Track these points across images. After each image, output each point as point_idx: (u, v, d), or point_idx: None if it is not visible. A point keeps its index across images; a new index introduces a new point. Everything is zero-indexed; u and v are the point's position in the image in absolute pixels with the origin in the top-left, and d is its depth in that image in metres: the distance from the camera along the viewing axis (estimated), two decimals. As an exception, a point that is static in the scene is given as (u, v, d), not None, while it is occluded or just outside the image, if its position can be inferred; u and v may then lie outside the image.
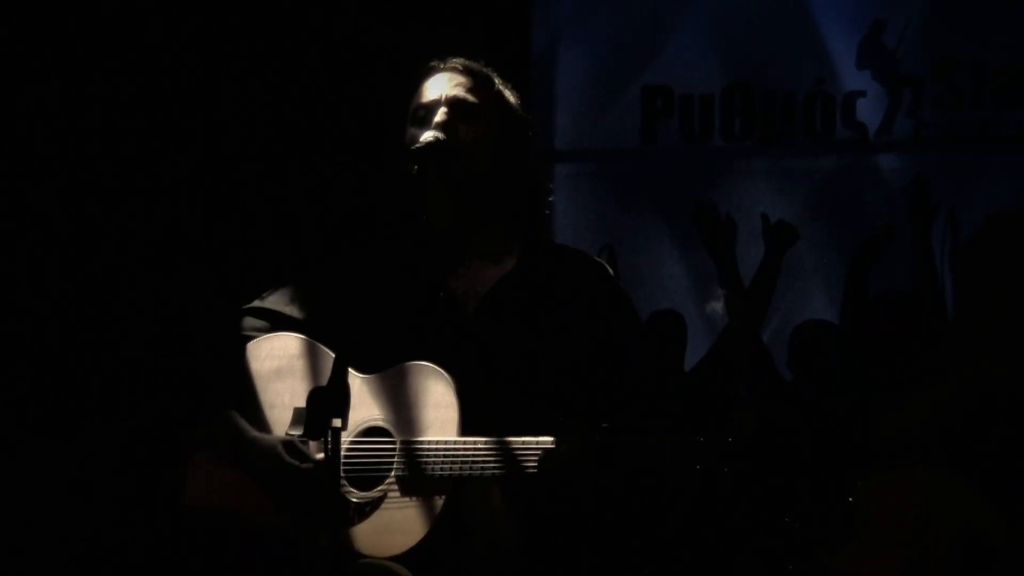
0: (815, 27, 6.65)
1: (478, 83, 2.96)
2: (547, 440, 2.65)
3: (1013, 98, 6.47)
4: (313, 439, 2.59)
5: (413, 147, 2.84)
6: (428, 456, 2.71)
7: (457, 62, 2.99)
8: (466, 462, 2.68)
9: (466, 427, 2.72)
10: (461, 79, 2.96)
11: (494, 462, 2.67)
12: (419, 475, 2.71)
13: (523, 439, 2.67)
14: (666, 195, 6.59)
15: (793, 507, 4.21)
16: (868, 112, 6.58)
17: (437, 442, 2.72)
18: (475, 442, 2.69)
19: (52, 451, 4.94)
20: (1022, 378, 3.41)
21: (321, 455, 2.75)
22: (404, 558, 2.67)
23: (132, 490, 4.85)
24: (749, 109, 6.66)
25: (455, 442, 2.70)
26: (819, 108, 6.62)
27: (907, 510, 3.42)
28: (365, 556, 2.70)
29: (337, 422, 2.45)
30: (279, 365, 2.89)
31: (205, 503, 2.85)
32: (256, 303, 3.02)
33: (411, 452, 2.73)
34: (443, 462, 2.70)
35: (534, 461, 2.65)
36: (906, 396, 3.43)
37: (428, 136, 2.85)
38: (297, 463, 2.75)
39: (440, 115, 2.90)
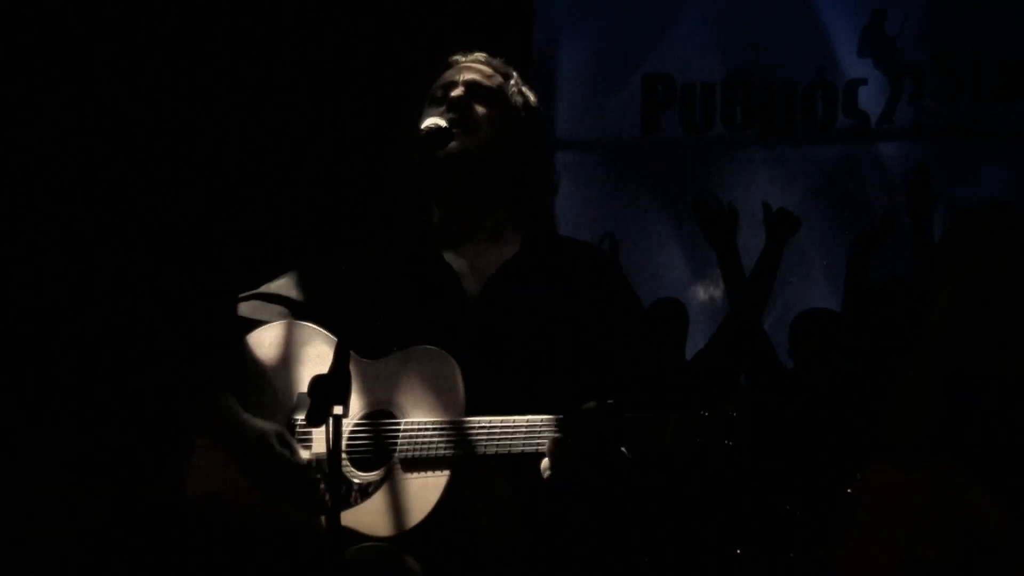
0: (816, 16, 6.64)
1: (497, 73, 3.06)
2: (549, 417, 2.67)
3: (1011, 90, 6.47)
4: (314, 427, 2.61)
5: (419, 133, 2.89)
6: (431, 437, 2.73)
7: (479, 55, 3.09)
8: (469, 442, 2.70)
9: (470, 409, 2.74)
10: (482, 68, 3.06)
11: (497, 443, 2.69)
12: (423, 456, 2.73)
13: (526, 417, 2.69)
14: (667, 184, 6.59)
15: (794, 498, 4.22)
16: (870, 100, 6.57)
17: (441, 422, 2.74)
18: (478, 422, 2.71)
19: (51, 441, 4.95)
20: (1004, 370, 3.44)
21: (317, 449, 2.77)
22: (406, 538, 2.68)
23: (132, 480, 4.86)
24: (750, 98, 6.65)
25: (458, 422, 2.72)
26: (820, 97, 6.61)
27: (906, 501, 3.43)
28: (367, 536, 2.71)
29: (338, 409, 2.47)
30: (283, 352, 2.92)
31: (205, 488, 2.87)
32: (263, 289, 3.05)
33: (415, 433, 2.75)
34: (446, 442, 2.72)
35: (538, 441, 2.67)
36: (895, 388, 3.45)
37: (430, 123, 2.90)
38: (287, 454, 2.78)
39: (457, 92, 2.98)
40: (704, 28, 6.69)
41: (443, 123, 2.90)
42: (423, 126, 2.90)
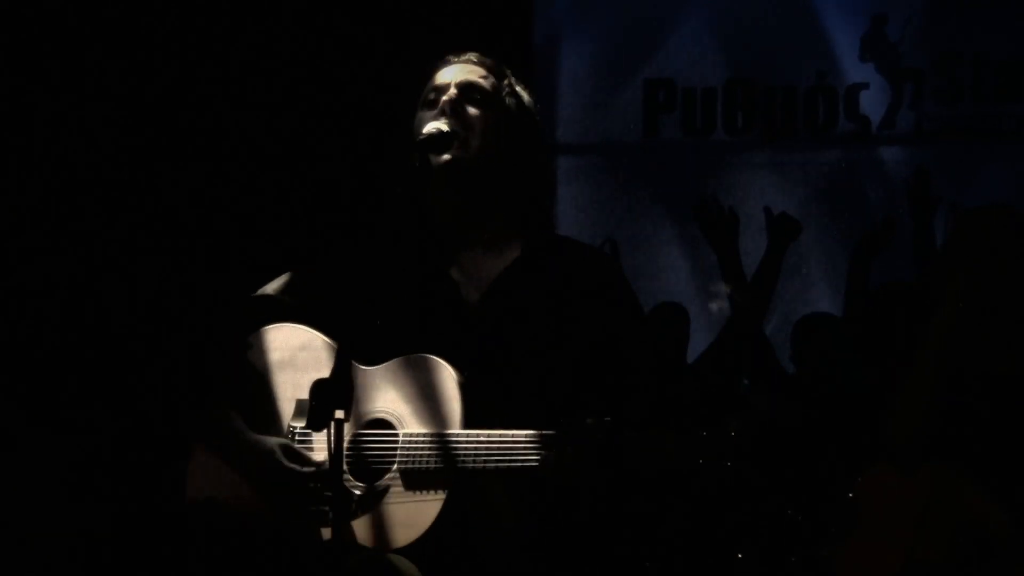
0: (817, 20, 6.64)
1: (491, 74, 2.99)
2: (550, 434, 2.65)
3: (1013, 91, 6.47)
4: (316, 431, 2.60)
5: (417, 138, 2.87)
6: (431, 449, 2.71)
7: (471, 55, 3.02)
8: (468, 456, 2.68)
9: (469, 420, 2.72)
10: (474, 68, 2.99)
11: (497, 456, 2.67)
12: (422, 468, 2.72)
13: (526, 432, 2.67)
14: (668, 188, 6.59)
15: (795, 501, 4.22)
16: (871, 105, 6.58)
17: (440, 435, 2.72)
18: (477, 435, 2.69)
19: (52, 446, 4.94)
20: (1004, 371, 3.44)
21: (320, 457, 2.76)
22: (407, 551, 2.67)
23: (133, 486, 4.85)
24: (751, 102, 6.65)
25: (457, 435, 2.70)
26: (821, 101, 6.61)
27: (907, 503, 3.43)
28: (367, 549, 2.70)
29: (340, 414, 2.47)
30: (283, 356, 2.89)
31: (207, 495, 2.86)
32: (260, 292, 3.03)
33: (414, 445, 2.74)
34: (445, 456, 2.70)
35: (537, 455, 2.65)
36: (897, 391, 3.45)
37: (431, 127, 2.87)
38: (297, 467, 2.75)
39: (449, 96, 2.92)
40: (705, 32, 6.69)
41: (445, 127, 2.87)
42: (424, 130, 2.87)
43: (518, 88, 3.03)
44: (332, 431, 2.47)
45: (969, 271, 3.44)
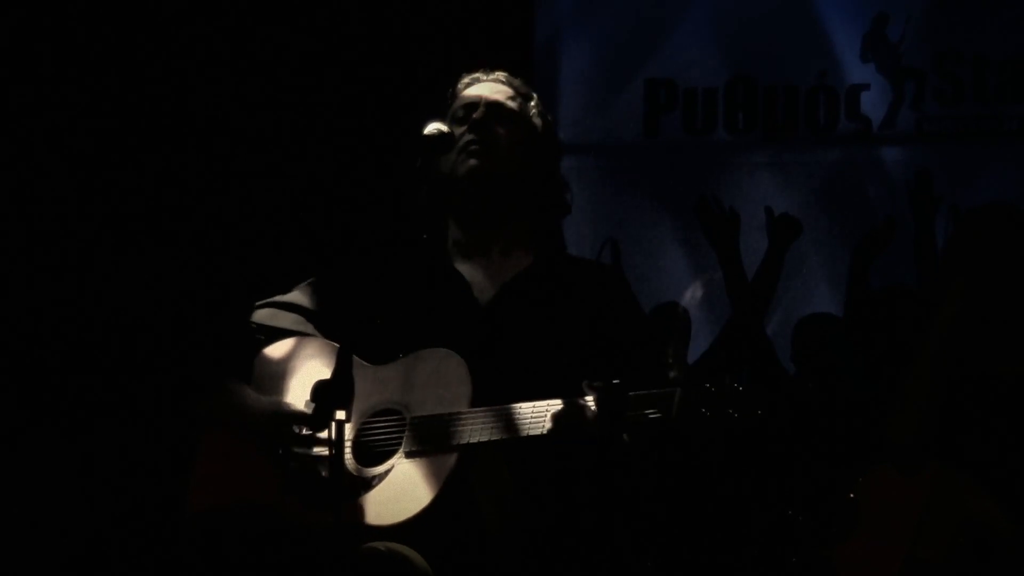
0: (818, 20, 6.64)
1: (518, 95, 3.14)
2: (556, 402, 2.71)
3: (1015, 92, 6.47)
4: (316, 431, 2.64)
5: (421, 138, 2.93)
6: (435, 428, 2.77)
7: (500, 75, 3.16)
8: (471, 431, 2.73)
9: (477, 402, 2.78)
10: (503, 88, 3.13)
11: (503, 428, 2.71)
12: (427, 448, 2.76)
13: (531, 403, 2.74)
14: (669, 188, 6.58)
15: (796, 501, 4.22)
16: (872, 105, 6.57)
17: (445, 415, 2.78)
18: (481, 410, 2.75)
19: (59, 447, 4.95)
20: (1004, 370, 3.44)
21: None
22: (411, 525, 2.70)
23: (142, 483, 4.87)
24: (752, 102, 6.65)
25: (461, 413, 2.76)
26: (822, 101, 6.61)
27: (908, 504, 3.43)
28: (371, 527, 2.72)
29: (341, 414, 2.49)
30: (298, 365, 2.96)
31: (209, 503, 2.88)
32: (280, 298, 3.12)
33: (419, 426, 2.78)
34: (449, 432, 2.75)
35: (542, 424, 2.71)
36: (897, 392, 3.45)
37: (432, 128, 2.94)
38: (298, 431, 2.82)
39: (478, 114, 3.06)
40: (706, 32, 6.68)
41: (445, 128, 2.95)
42: (425, 131, 2.94)
43: (543, 109, 3.17)
44: (332, 431, 2.50)
45: (970, 271, 3.44)
